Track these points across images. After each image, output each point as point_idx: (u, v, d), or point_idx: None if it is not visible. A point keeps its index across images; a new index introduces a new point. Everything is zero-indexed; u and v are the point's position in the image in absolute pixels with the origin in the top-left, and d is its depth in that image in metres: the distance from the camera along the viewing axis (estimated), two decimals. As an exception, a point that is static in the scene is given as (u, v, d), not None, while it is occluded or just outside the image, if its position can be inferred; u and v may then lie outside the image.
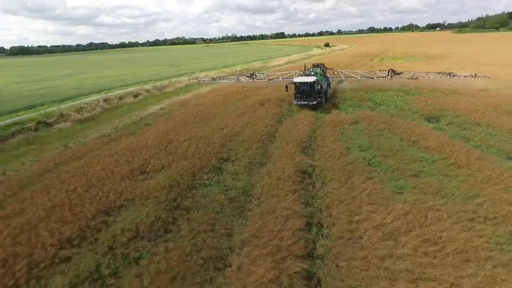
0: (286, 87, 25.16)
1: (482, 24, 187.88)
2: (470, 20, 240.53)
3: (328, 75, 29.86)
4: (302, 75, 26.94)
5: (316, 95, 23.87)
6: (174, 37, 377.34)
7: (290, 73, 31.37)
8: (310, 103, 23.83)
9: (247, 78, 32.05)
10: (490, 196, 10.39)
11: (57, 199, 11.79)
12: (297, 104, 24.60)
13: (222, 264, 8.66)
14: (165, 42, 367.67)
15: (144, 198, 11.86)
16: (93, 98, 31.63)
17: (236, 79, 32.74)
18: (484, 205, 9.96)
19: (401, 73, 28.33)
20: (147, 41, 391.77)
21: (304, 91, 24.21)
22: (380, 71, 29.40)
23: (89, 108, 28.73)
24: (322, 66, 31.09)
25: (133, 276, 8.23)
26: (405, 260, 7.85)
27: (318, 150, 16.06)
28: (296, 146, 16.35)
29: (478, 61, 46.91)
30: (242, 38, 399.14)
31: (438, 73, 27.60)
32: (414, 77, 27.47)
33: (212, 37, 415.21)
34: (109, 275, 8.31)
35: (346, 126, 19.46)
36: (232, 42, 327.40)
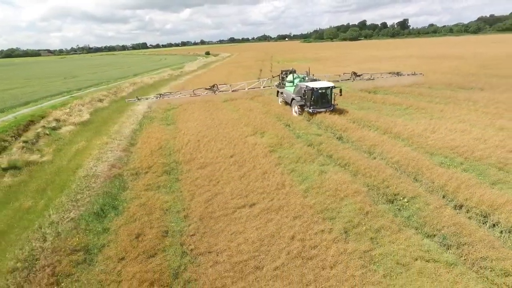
0: (278, 92, 28.70)
1: (321, 36, 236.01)
2: (309, 32, 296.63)
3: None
4: (310, 81, 24.93)
5: (331, 101, 24.19)
6: (5, 49, 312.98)
7: (256, 81, 32.80)
8: (328, 110, 23.39)
9: (207, 91, 30.12)
10: (451, 114, 20.79)
11: (228, 151, 16.11)
12: (313, 112, 23.16)
13: (370, 151, 15.61)
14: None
15: (280, 145, 17.21)
16: (53, 101, 30.55)
17: (192, 93, 29.80)
18: (453, 118, 20.12)
19: (361, 75, 32.70)
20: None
21: (320, 98, 23.78)
22: (344, 74, 33.41)
23: (76, 112, 28.37)
24: (295, 71, 30.04)
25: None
26: (451, 136, 16.69)
27: (350, 113, 23.39)
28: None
29: (349, 61, 64.23)
30: (98, 50, 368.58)
31: (389, 73, 33.92)
32: (372, 78, 32.60)
33: (56, 48, 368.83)
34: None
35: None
36: (91, 54, 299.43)
